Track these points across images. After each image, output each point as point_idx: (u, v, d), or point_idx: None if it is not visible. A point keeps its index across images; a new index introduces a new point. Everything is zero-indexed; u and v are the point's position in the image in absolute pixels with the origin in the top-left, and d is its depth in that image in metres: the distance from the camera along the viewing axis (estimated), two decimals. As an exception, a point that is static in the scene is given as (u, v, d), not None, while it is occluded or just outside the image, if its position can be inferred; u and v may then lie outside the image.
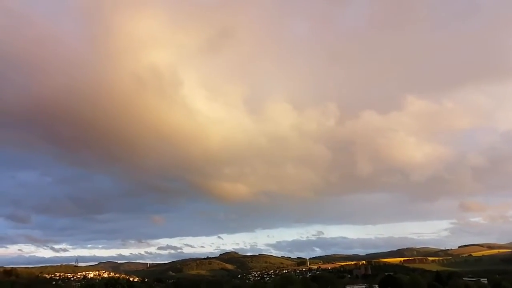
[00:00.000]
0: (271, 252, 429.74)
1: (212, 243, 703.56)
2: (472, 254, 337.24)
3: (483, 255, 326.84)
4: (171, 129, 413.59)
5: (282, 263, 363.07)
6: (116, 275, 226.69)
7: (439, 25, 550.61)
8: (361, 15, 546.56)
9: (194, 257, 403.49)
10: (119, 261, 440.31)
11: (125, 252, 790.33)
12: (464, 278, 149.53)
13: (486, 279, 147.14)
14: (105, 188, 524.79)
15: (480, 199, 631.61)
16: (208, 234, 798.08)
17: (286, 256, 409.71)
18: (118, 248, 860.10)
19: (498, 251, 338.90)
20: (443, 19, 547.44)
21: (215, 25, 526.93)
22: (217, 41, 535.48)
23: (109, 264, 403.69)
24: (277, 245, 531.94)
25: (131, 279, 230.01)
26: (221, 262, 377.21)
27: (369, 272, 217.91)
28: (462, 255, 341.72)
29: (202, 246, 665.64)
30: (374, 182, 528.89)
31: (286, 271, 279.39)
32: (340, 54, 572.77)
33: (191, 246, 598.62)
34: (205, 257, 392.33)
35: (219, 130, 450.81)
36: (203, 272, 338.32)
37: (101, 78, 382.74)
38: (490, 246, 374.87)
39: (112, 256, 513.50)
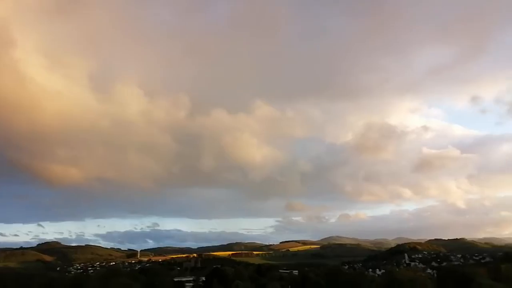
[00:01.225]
0: (99, 243, 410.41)
1: (30, 231, 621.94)
2: (290, 249, 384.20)
3: (298, 250, 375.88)
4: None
5: (110, 255, 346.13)
6: None
7: (291, 40, 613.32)
8: (224, 14, 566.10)
9: (4, 247, 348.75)
10: None
11: None
12: (280, 270, 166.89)
13: (297, 271, 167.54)
14: None
15: (303, 201, 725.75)
16: (26, 221, 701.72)
17: (116, 247, 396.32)
18: None
19: (310, 247, 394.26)
20: (295, 36, 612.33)
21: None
22: (66, 4, 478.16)
23: None
24: (107, 236, 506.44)
25: None
26: (38, 253, 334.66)
27: (199, 264, 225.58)
28: (282, 250, 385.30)
29: (15, 235, 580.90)
30: (216, 178, 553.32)
31: (114, 263, 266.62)
32: (199, 48, 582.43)
33: (2, 235, 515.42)
34: (19, 247, 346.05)
35: (55, 105, 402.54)
36: (12, 264, 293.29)
37: None
38: (304, 242, 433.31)
39: None
